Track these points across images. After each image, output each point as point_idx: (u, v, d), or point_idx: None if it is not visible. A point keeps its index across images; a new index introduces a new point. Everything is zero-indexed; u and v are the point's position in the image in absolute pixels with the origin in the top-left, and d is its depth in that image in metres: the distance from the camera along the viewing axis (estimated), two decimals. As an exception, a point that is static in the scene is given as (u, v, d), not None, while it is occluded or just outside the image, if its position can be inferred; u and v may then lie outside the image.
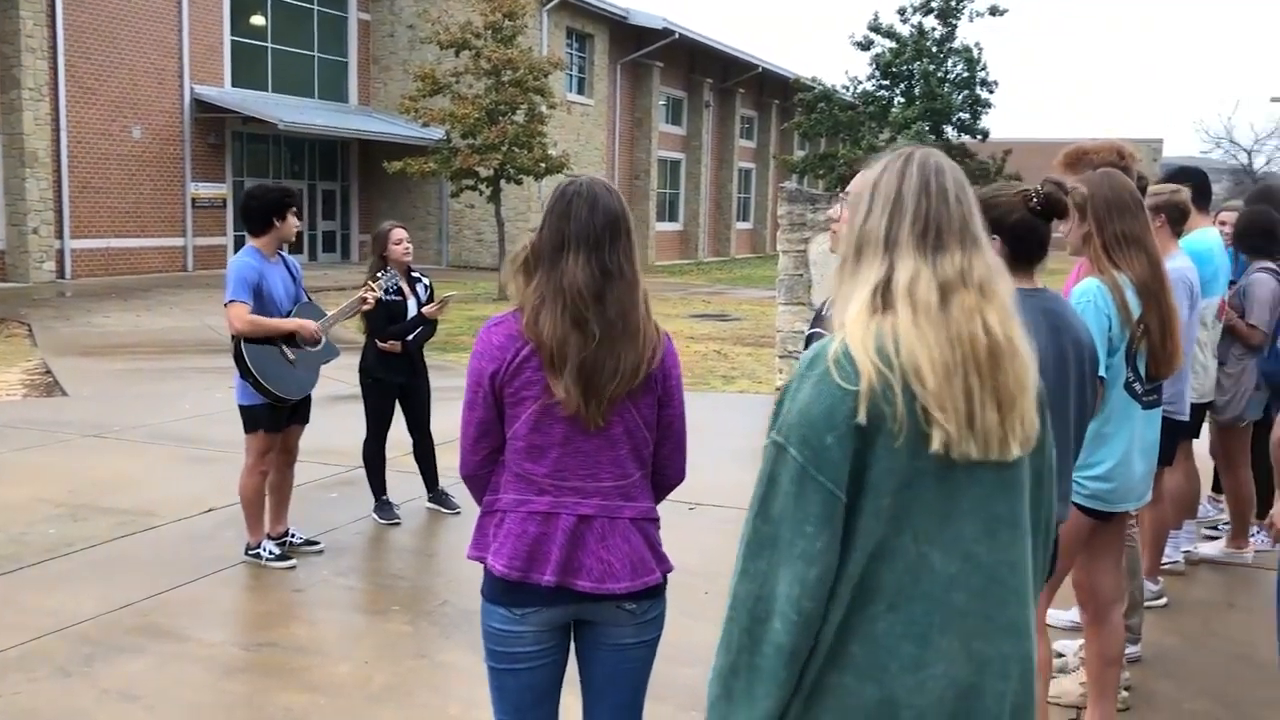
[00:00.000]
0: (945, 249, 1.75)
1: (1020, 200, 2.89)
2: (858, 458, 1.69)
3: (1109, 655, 3.64)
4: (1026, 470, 1.81)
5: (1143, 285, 3.35)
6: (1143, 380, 3.43)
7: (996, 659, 1.74)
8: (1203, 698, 4.29)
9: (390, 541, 6.18)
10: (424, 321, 6.44)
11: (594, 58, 32.36)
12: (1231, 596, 5.45)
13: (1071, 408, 2.95)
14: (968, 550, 1.73)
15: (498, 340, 2.51)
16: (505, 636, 2.55)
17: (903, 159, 1.83)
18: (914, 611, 1.71)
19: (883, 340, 1.70)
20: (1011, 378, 1.73)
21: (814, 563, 1.69)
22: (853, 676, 1.71)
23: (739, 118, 40.82)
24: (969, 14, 31.70)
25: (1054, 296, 3.00)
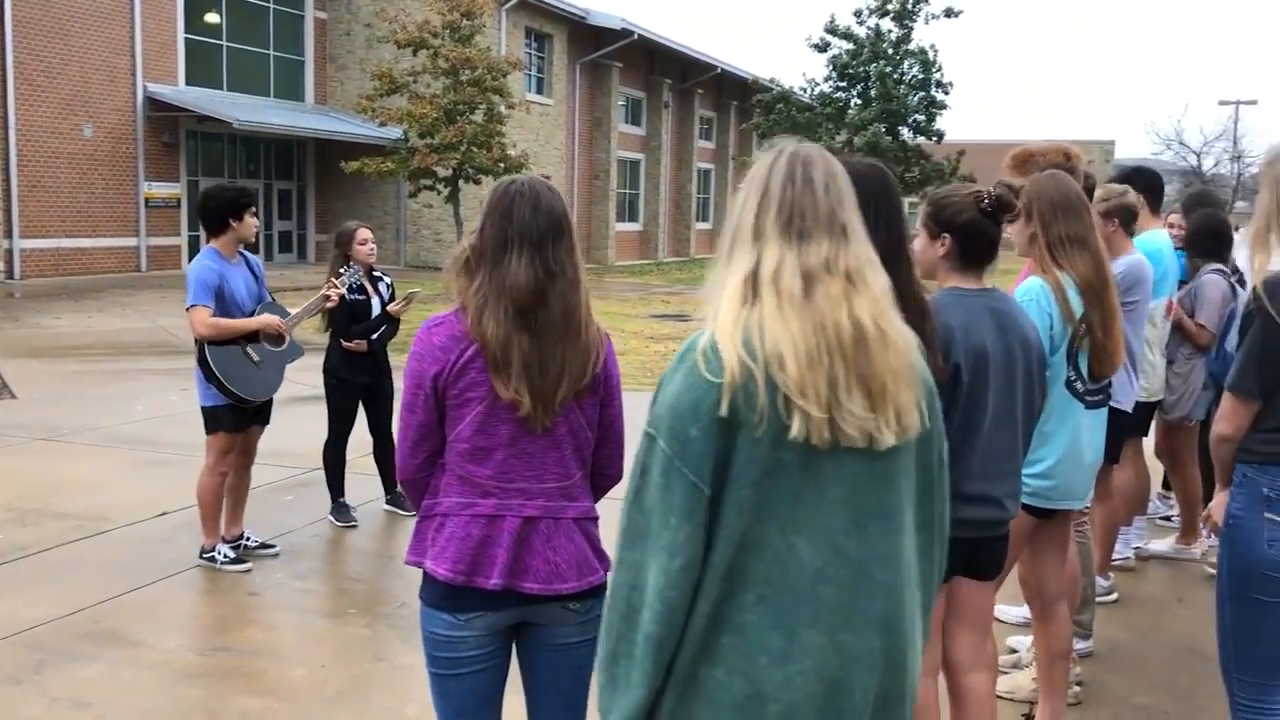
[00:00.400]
0: (810, 238, 1.77)
1: (971, 201, 2.94)
2: (723, 449, 1.71)
3: (1057, 651, 3.70)
4: (909, 464, 1.81)
5: (1086, 285, 3.41)
6: (1085, 379, 3.48)
7: (865, 653, 1.76)
8: (1152, 691, 4.36)
9: (347, 544, 6.14)
10: (388, 320, 6.43)
11: (553, 58, 32.30)
12: (1181, 592, 5.55)
13: (1019, 406, 3.00)
14: (836, 543, 1.74)
15: (439, 341, 2.48)
16: (448, 642, 2.52)
17: (775, 153, 1.86)
18: (782, 604, 1.73)
19: (749, 331, 1.72)
20: (882, 366, 1.73)
21: (677, 554, 1.72)
22: (723, 670, 1.73)
23: (698, 118, 40.91)
24: (925, 16, 32.01)
25: (1002, 296, 3.04)
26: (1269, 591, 2.86)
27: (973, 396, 2.89)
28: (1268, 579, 2.85)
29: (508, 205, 2.49)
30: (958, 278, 3.01)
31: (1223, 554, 2.98)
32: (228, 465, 5.55)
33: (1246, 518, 2.88)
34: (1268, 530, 2.83)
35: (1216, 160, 49.93)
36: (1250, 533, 2.86)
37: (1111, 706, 4.22)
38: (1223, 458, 2.97)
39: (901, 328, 1.81)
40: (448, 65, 23.14)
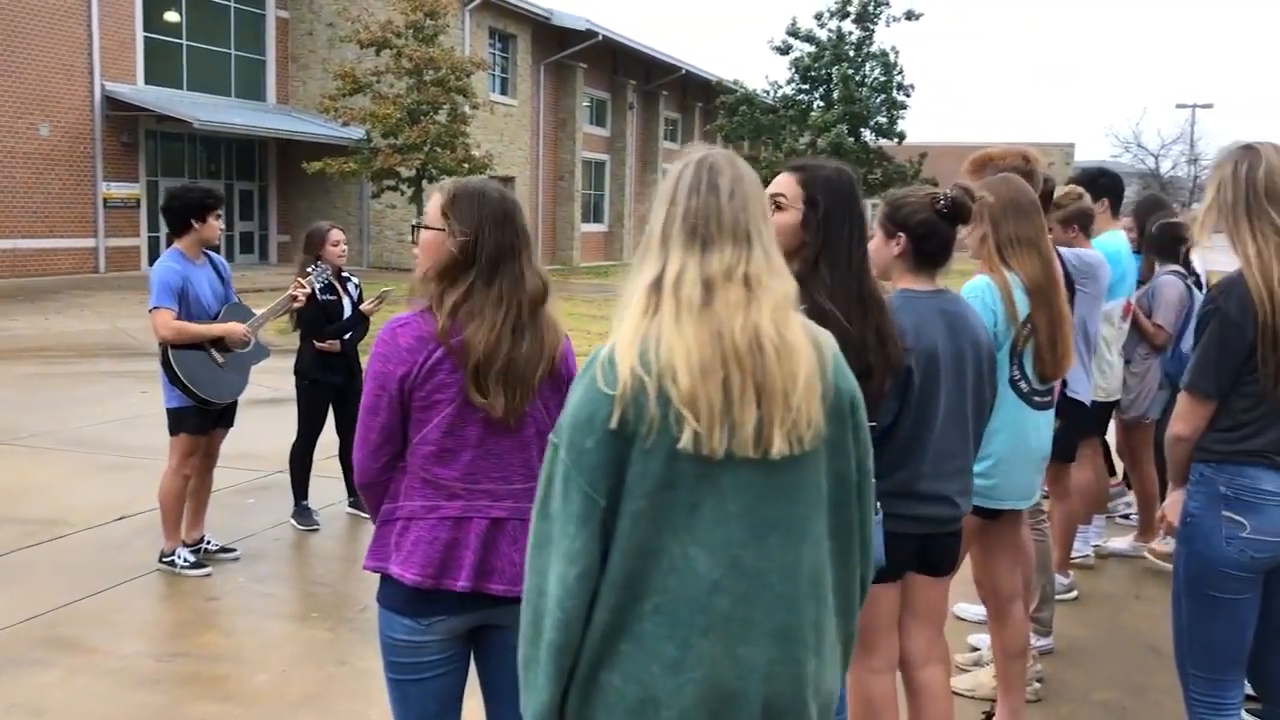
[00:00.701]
0: (714, 245, 1.78)
1: (927, 202, 2.98)
2: (617, 461, 1.73)
3: (1012, 649, 3.73)
4: (815, 474, 1.81)
5: (1034, 286, 3.44)
6: (1030, 380, 3.50)
7: (761, 664, 1.76)
8: (1111, 687, 4.41)
9: (309, 547, 6.09)
10: (361, 320, 6.40)
11: (517, 58, 32.21)
12: (1139, 589, 5.61)
13: (970, 406, 3.04)
14: (734, 555, 1.75)
15: (406, 343, 2.46)
16: (409, 647, 2.51)
17: (684, 161, 1.87)
18: (677, 613, 1.74)
19: (647, 342, 1.74)
20: (780, 374, 1.73)
21: (575, 562, 1.74)
22: (620, 676, 1.76)
23: (663, 119, 40.94)
24: (885, 19, 32.23)
25: (953, 298, 3.08)
26: (1225, 588, 2.90)
27: (924, 397, 2.92)
28: (1224, 576, 2.89)
29: (503, 211, 2.50)
30: (911, 278, 3.05)
31: (1180, 551, 3.01)
32: (190, 468, 5.49)
33: (1204, 516, 2.91)
34: (1225, 528, 2.87)
35: (1174, 163, 50.71)
36: (1208, 530, 2.90)
37: (1071, 703, 4.27)
38: (1178, 457, 3.00)
39: (811, 335, 1.82)
40: (411, 65, 23.04)
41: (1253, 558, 2.86)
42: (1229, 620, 2.93)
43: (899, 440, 2.91)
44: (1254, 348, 2.80)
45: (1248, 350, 2.81)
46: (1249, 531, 2.85)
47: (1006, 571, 3.71)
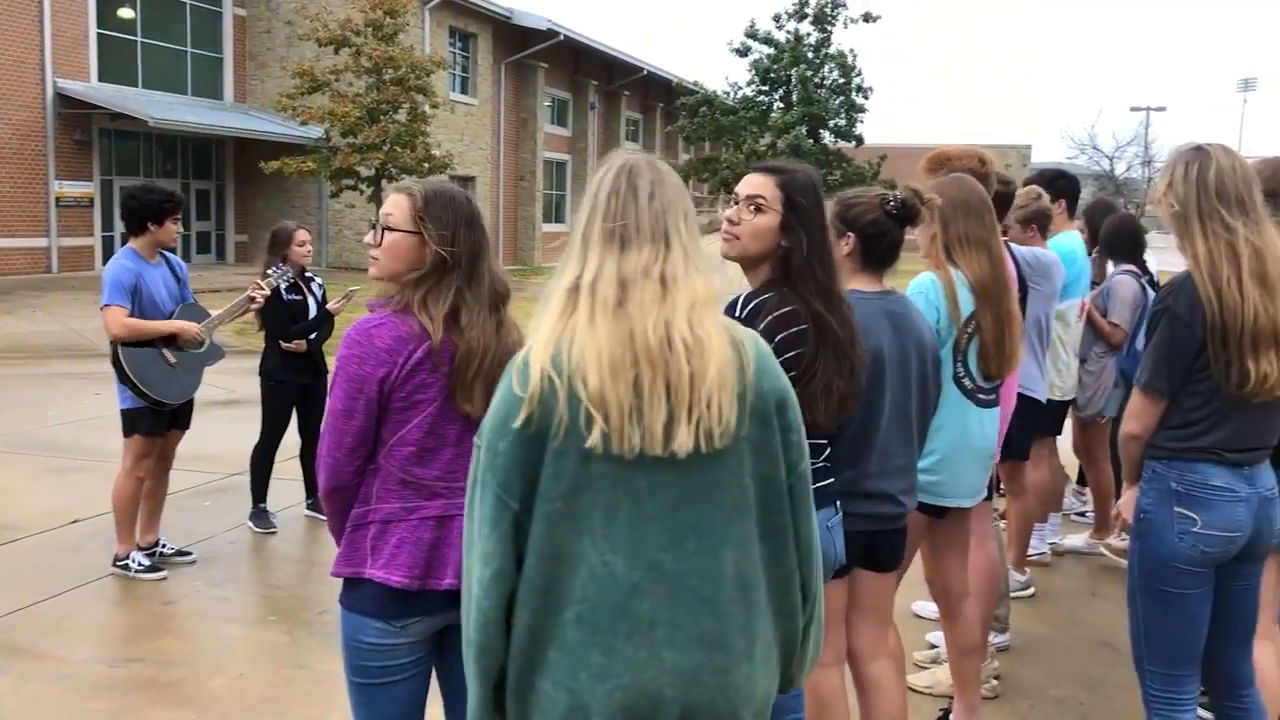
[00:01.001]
0: (632, 246, 1.80)
1: (877, 203, 3.01)
2: (529, 463, 1.75)
3: (965, 646, 3.76)
4: (735, 475, 1.80)
5: (981, 285, 3.47)
6: (974, 377, 3.52)
7: (687, 669, 1.76)
8: (1067, 683, 4.46)
9: (267, 550, 6.03)
10: (326, 319, 6.35)
11: (477, 57, 32.06)
12: (1095, 586, 5.68)
13: (914, 405, 3.07)
14: (653, 558, 1.75)
15: (384, 344, 2.43)
16: (380, 651, 2.48)
17: (606, 165, 1.89)
18: (599, 620, 1.75)
19: (561, 343, 1.76)
20: (693, 373, 1.74)
21: (488, 563, 1.77)
22: (550, 683, 1.77)
23: (624, 120, 40.93)
24: (843, 20, 32.43)
25: (899, 299, 3.11)
26: (1179, 584, 2.94)
27: (870, 397, 2.94)
28: (1178, 571, 2.93)
29: (472, 213, 2.54)
30: (859, 279, 3.07)
31: (1133, 548, 3.04)
32: (145, 470, 5.42)
33: (1156, 513, 2.95)
34: (1177, 524, 2.91)
35: (1128, 164, 51.41)
36: (1161, 527, 2.94)
37: (1029, 699, 4.31)
38: (1132, 455, 3.03)
39: (731, 334, 1.82)
40: (370, 64, 22.87)
41: (1204, 552, 2.90)
42: (1183, 615, 2.97)
43: (845, 440, 2.93)
44: (1203, 346, 2.84)
45: (1197, 348, 2.85)
46: (1200, 527, 2.89)
47: (956, 570, 3.73)
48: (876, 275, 3.09)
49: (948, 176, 3.71)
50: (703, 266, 1.85)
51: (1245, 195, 2.88)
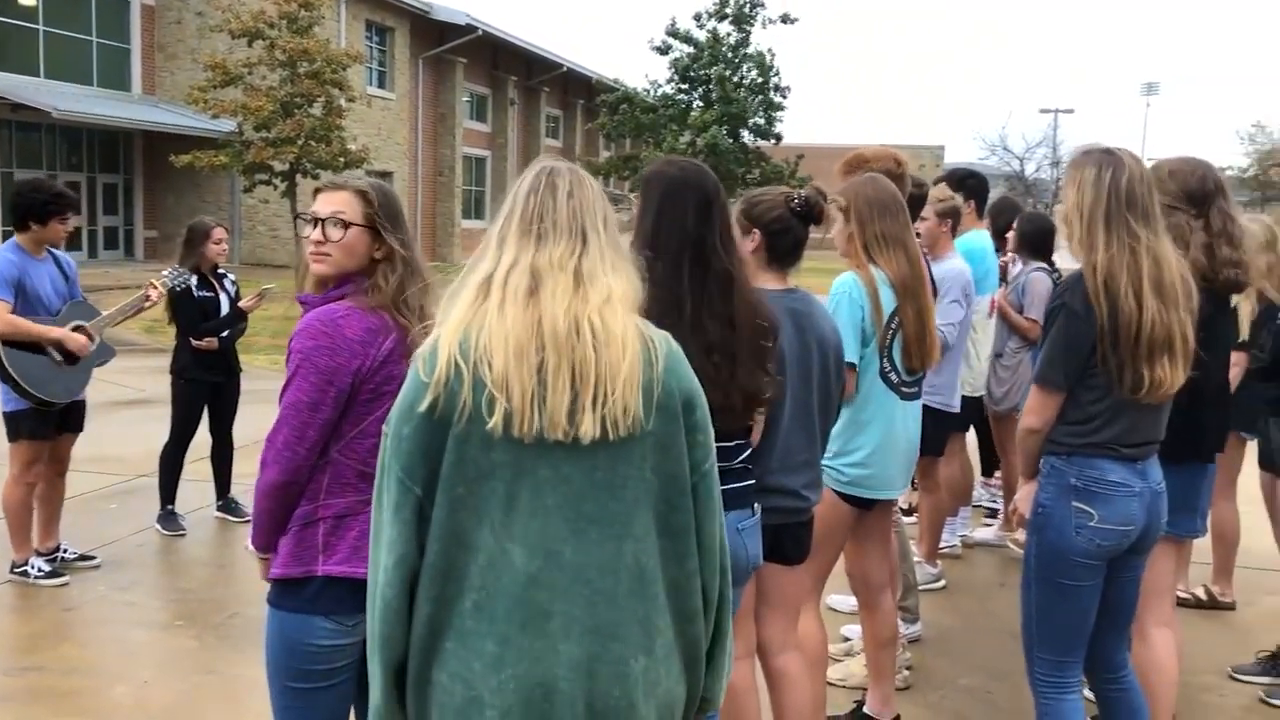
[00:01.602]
0: (548, 241, 1.83)
1: (781, 200, 3.06)
2: (433, 449, 1.76)
3: (882, 638, 3.83)
4: (640, 471, 1.82)
5: (900, 282, 3.54)
6: (899, 372, 3.60)
7: (582, 660, 1.77)
8: (976, 673, 4.56)
9: (175, 553, 5.89)
10: (239, 317, 6.22)
11: (395, 51, 31.67)
12: (1004, 577, 5.80)
13: (815, 400, 3.11)
14: (551, 549, 1.77)
15: (355, 335, 2.42)
16: (330, 652, 2.43)
17: (529, 169, 1.93)
18: (496, 609, 1.76)
19: (469, 330, 1.77)
20: (600, 363, 1.76)
21: (391, 550, 1.78)
22: (447, 674, 1.78)
23: (544, 116, 40.79)
24: (762, 21, 32.72)
25: (802, 297, 3.15)
26: (1074, 576, 3.01)
27: None
28: (1074, 564, 2.99)
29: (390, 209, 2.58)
30: (764, 276, 3.10)
31: (1031, 541, 3.10)
32: (35, 475, 5.23)
33: (1055, 507, 3.00)
34: (1075, 518, 2.96)
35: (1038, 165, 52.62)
36: (1059, 521, 2.99)
37: (939, 689, 4.39)
38: (1030, 450, 3.08)
39: (642, 330, 1.83)
40: (285, 57, 22.46)
41: (1100, 546, 2.97)
42: (1076, 606, 3.04)
43: None
44: (1097, 342, 2.89)
45: (1093, 343, 2.90)
46: (1097, 521, 2.95)
47: (877, 562, 3.80)
48: (781, 273, 3.13)
49: (862, 176, 3.77)
50: (622, 266, 1.87)
51: (1149, 204, 2.95)
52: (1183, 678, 3.93)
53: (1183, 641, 3.75)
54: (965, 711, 4.22)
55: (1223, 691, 4.45)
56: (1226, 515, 5.26)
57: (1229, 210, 3.54)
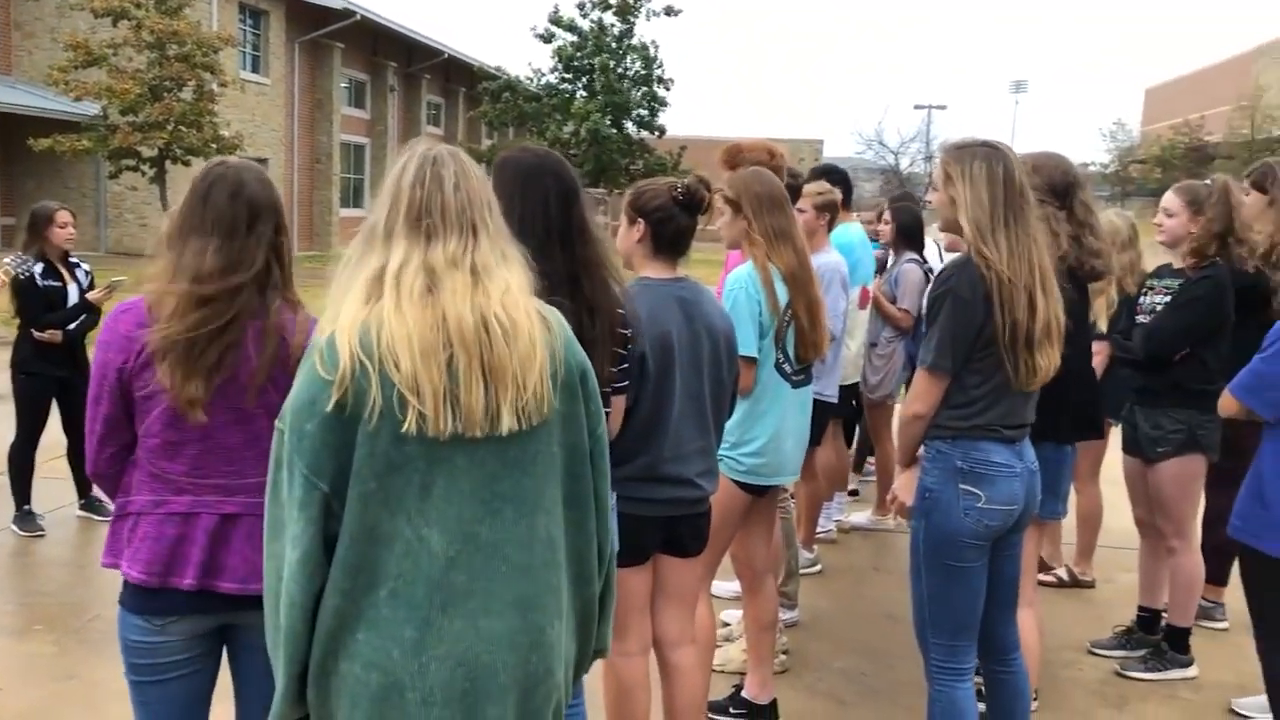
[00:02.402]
0: (438, 236, 1.83)
1: (666, 190, 3.07)
2: (340, 445, 1.75)
3: (764, 621, 3.88)
4: (548, 445, 1.87)
5: (791, 275, 3.59)
6: (792, 362, 3.66)
7: (505, 633, 1.82)
8: (851, 655, 4.66)
9: (33, 554, 5.63)
10: (87, 309, 5.94)
11: (269, 35, 30.79)
12: (877, 560, 5.96)
13: (707, 390, 3.13)
14: (469, 531, 1.80)
15: (125, 329, 2.36)
16: (144, 648, 2.40)
17: (408, 154, 1.91)
18: (415, 595, 1.77)
19: (368, 328, 1.76)
20: (509, 356, 1.79)
21: (297, 545, 1.76)
22: (360, 665, 1.77)
23: (425, 104, 40.14)
24: (646, 12, 32.79)
25: (690, 286, 3.17)
26: (963, 558, 3.05)
27: (659, 382, 2.99)
28: (963, 546, 3.04)
29: (205, 190, 2.41)
30: (651, 265, 3.13)
31: (918, 526, 3.13)
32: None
33: (942, 490, 3.05)
34: (962, 500, 3.01)
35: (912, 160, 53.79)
36: (947, 504, 3.04)
37: (816, 671, 4.48)
38: (913, 435, 3.11)
39: (541, 315, 1.87)
40: (152, 38, 21.62)
41: (987, 526, 3.03)
42: (967, 588, 3.09)
43: (638, 424, 2.96)
44: (982, 327, 2.95)
45: (979, 327, 2.95)
46: (984, 502, 3.01)
47: (762, 547, 3.86)
48: (669, 262, 3.15)
49: (748, 171, 3.81)
50: (512, 254, 1.89)
51: (1030, 196, 3.03)
52: (1045, 654, 4.10)
53: (1044, 619, 3.89)
54: (840, 693, 4.31)
55: (1082, 666, 4.64)
56: (1092, 498, 5.49)
57: (1089, 202, 3.69)
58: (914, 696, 3.73)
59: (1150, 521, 4.63)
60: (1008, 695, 3.34)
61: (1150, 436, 4.41)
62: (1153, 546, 4.67)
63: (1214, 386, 4.27)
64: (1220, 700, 4.31)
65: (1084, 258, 3.53)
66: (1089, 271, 3.59)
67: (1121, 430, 4.71)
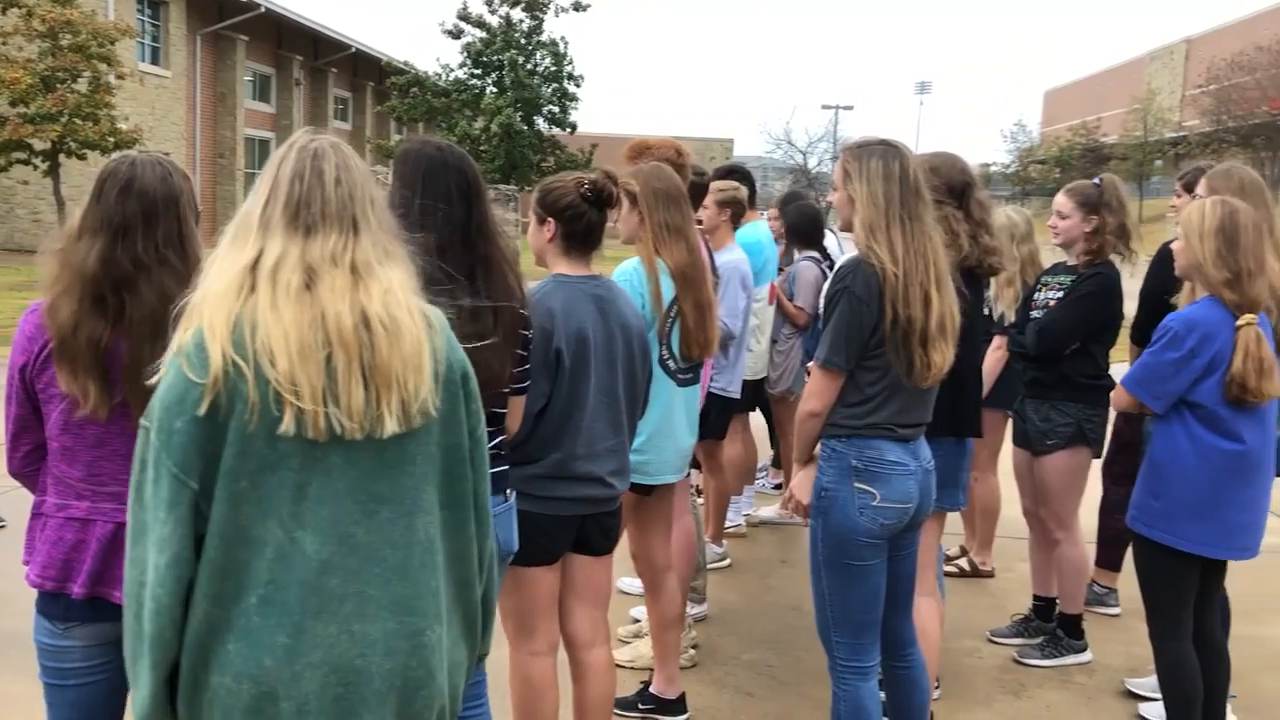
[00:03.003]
0: (318, 231, 1.78)
1: (573, 187, 3.06)
2: (210, 443, 1.70)
3: (668, 618, 3.89)
4: (427, 446, 1.84)
5: (680, 272, 3.60)
6: (677, 359, 3.66)
7: (381, 638, 1.78)
8: (759, 648, 4.71)
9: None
10: None
11: (169, 26, 29.98)
12: (785, 554, 6.03)
13: (621, 388, 3.13)
14: (344, 532, 1.76)
15: (29, 330, 2.33)
16: (53, 651, 2.38)
17: (288, 145, 1.86)
18: (287, 600, 1.73)
19: (241, 325, 1.71)
20: (390, 356, 1.75)
21: (164, 549, 1.70)
22: (231, 677, 1.72)
23: (333, 98, 39.48)
24: (554, 9, 32.71)
25: (605, 284, 3.17)
26: (861, 556, 3.07)
27: (574, 379, 2.98)
28: (860, 544, 3.06)
29: (99, 188, 2.37)
30: (564, 263, 3.12)
31: (816, 525, 3.14)
32: None
33: (838, 489, 3.06)
34: (858, 499, 3.03)
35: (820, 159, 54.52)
36: (843, 503, 3.05)
37: (724, 665, 4.51)
38: (810, 433, 3.12)
39: (422, 314, 1.83)
40: (44, 27, 20.93)
41: (882, 524, 3.06)
42: (866, 586, 3.12)
43: (550, 422, 2.96)
44: (876, 325, 2.98)
45: (873, 326, 2.98)
46: (879, 501, 3.04)
47: (661, 544, 3.86)
48: (582, 259, 3.14)
49: (647, 166, 3.81)
50: (395, 250, 1.84)
51: (927, 195, 3.08)
52: (946, 643, 4.19)
53: (943, 610, 3.98)
54: (748, 686, 4.35)
55: (982, 654, 4.75)
56: (991, 489, 5.62)
57: (984, 201, 3.77)
58: (819, 688, 3.79)
59: (1036, 513, 4.76)
60: (905, 688, 3.41)
61: (1039, 429, 4.54)
62: (1041, 537, 4.81)
63: (1102, 382, 4.43)
64: (1114, 682, 4.46)
65: (981, 255, 3.61)
66: (987, 268, 3.68)
67: (1012, 423, 4.84)
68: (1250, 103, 30.61)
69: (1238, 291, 3.32)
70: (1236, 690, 3.98)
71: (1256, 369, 3.28)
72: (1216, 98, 32.82)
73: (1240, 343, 3.29)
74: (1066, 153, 43.71)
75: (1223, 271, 3.32)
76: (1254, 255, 3.33)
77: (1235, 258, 3.32)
